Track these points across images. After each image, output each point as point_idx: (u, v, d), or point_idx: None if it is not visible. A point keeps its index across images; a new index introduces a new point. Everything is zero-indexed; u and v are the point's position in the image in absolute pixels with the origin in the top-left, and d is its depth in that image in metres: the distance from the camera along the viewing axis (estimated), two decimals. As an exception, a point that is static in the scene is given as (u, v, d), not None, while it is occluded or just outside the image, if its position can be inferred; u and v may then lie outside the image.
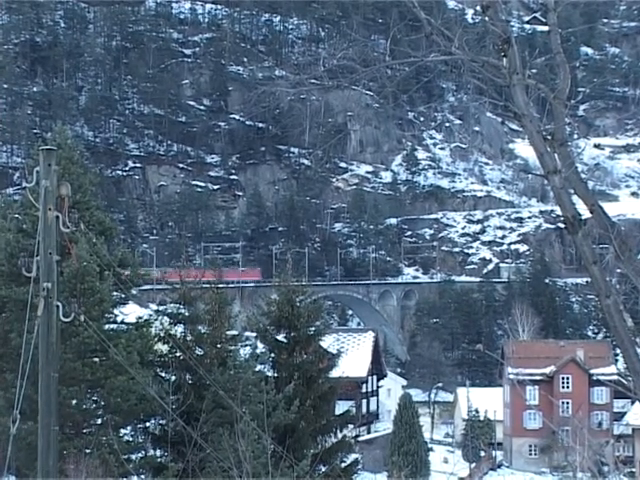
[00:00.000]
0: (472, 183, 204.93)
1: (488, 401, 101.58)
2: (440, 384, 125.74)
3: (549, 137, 10.32)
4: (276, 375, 34.93)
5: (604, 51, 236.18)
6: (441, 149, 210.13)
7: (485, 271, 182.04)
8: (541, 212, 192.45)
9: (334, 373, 36.41)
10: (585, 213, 10.30)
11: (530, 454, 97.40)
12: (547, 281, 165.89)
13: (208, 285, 34.47)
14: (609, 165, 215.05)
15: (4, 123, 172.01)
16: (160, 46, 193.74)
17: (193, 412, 29.77)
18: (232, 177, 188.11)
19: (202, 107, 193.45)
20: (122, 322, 33.92)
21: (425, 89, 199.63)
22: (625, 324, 9.95)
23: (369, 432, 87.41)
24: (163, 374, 32.82)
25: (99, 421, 31.78)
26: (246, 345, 34.27)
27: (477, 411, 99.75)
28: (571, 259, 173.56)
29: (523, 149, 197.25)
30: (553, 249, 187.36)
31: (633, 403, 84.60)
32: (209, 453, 26.41)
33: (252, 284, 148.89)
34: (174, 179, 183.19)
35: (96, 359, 30.86)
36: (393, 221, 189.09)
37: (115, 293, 32.91)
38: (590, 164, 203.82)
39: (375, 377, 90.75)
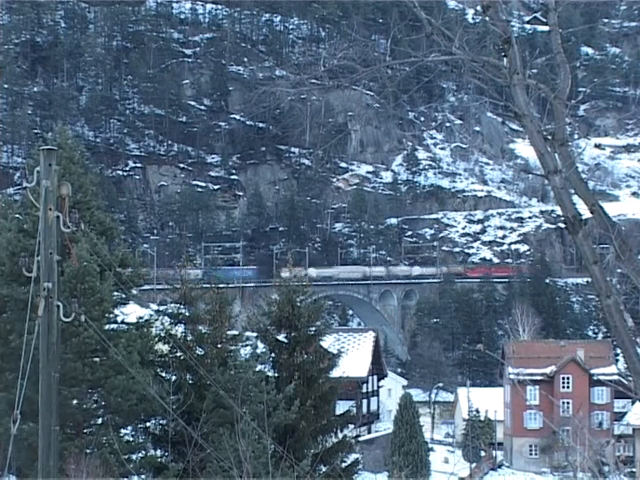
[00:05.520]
0: (472, 183, 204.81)
1: (489, 401, 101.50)
2: (440, 384, 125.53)
3: (549, 137, 10.32)
4: (277, 375, 34.92)
5: (604, 51, 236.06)
6: (441, 149, 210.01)
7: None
8: (541, 212, 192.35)
9: (334, 373, 36.40)
10: (585, 213, 10.30)
11: (530, 454, 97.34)
12: (547, 281, 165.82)
13: (209, 285, 34.50)
14: (609, 165, 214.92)
15: (5, 123, 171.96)
16: (160, 46, 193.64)
17: (194, 412, 29.77)
18: (232, 177, 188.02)
19: (202, 107, 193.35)
20: (122, 322, 33.87)
21: (425, 89, 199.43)
22: (625, 324, 9.95)
23: (369, 432, 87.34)
24: (164, 374, 32.81)
25: (100, 421, 31.78)
26: (247, 345, 34.23)
27: (477, 411, 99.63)
28: (571, 259, 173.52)
29: (523, 149, 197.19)
30: (554, 249, 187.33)
31: (633, 403, 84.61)
32: (210, 453, 26.40)
33: (252, 284, 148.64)
34: (174, 179, 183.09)
35: (96, 359, 30.85)
36: (393, 221, 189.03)
37: (116, 293, 32.89)
38: (591, 164, 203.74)
39: (375, 377, 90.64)
